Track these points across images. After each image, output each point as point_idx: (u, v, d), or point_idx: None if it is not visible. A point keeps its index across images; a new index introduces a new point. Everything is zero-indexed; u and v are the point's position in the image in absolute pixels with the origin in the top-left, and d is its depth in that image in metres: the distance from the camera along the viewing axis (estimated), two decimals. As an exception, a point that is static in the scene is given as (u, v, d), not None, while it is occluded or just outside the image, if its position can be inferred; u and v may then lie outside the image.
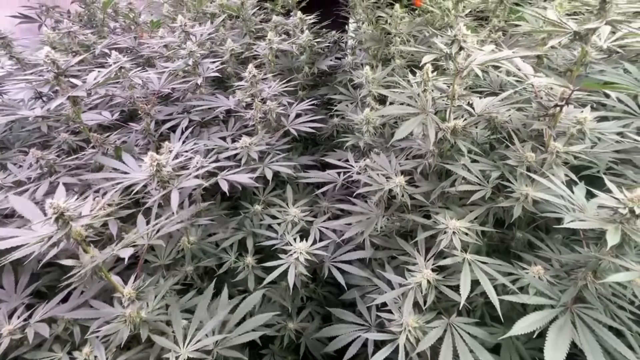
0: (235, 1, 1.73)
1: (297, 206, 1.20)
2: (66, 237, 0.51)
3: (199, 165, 1.00)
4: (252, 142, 1.18)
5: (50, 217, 0.49)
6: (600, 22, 0.59)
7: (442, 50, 0.78)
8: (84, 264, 0.54)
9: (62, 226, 0.50)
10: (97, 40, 1.66)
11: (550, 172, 0.82)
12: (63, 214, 0.49)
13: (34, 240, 0.50)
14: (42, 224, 0.51)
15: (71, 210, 0.51)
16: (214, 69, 1.31)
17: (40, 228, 0.52)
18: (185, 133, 1.22)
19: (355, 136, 1.35)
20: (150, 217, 0.77)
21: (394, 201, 1.05)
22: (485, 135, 1.03)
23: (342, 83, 1.70)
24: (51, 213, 0.49)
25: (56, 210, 0.49)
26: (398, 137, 0.79)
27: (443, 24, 1.75)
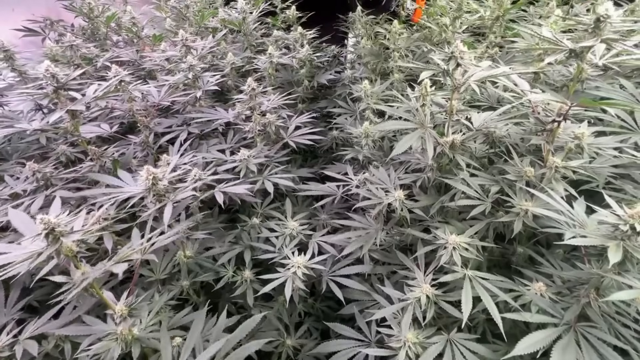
0: (237, 16, 1.76)
1: (295, 219, 1.19)
2: (56, 254, 0.50)
3: (196, 178, 0.99)
4: (251, 155, 1.18)
5: (41, 232, 0.48)
6: (595, 40, 0.60)
7: (440, 66, 0.78)
8: (75, 281, 0.53)
9: (52, 242, 0.49)
10: (99, 53, 1.68)
11: (549, 186, 0.82)
12: (54, 230, 0.48)
13: (22, 257, 0.49)
14: (32, 240, 0.50)
15: (62, 226, 0.50)
16: (214, 82, 1.32)
17: (31, 244, 0.51)
18: (183, 145, 1.22)
19: (354, 149, 1.35)
20: (146, 231, 0.76)
21: (393, 215, 1.05)
22: (483, 150, 1.03)
23: (341, 96, 1.72)
24: (41, 229, 0.48)
25: (47, 225, 0.48)
26: (397, 153, 0.79)
27: (441, 39, 1.78)
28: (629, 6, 1.44)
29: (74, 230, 0.51)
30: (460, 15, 1.54)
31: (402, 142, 0.78)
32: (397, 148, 0.78)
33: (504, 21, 1.60)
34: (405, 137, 0.79)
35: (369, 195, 0.98)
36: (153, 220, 0.83)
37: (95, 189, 0.87)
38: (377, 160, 1.37)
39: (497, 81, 0.87)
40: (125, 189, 0.78)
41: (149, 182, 0.74)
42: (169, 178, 0.79)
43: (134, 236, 0.76)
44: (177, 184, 0.94)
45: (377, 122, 1.44)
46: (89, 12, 1.79)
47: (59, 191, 0.84)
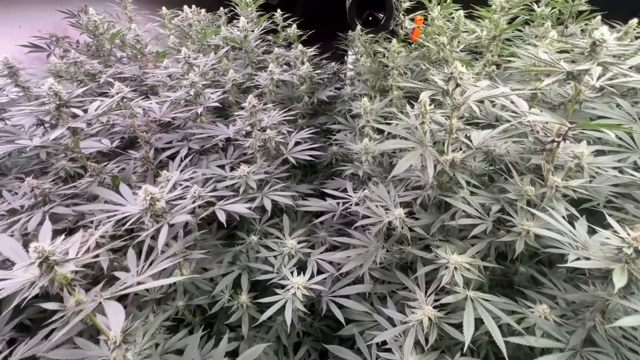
0: (238, 34, 1.80)
1: (294, 237, 1.18)
2: (50, 283, 0.49)
3: (196, 196, 0.99)
4: (251, 171, 1.18)
5: (34, 262, 0.47)
6: (592, 63, 0.61)
7: (440, 86, 0.79)
8: (68, 308, 0.51)
9: (46, 271, 0.48)
10: (103, 69, 1.71)
11: (550, 205, 0.81)
12: (48, 258, 0.47)
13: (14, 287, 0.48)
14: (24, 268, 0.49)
15: (57, 254, 0.49)
16: (215, 99, 1.33)
17: (24, 272, 0.50)
18: (184, 161, 1.22)
19: (354, 165, 1.35)
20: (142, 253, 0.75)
21: (393, 233, 1.04)
22: (483, 167, 1.03)
23: (341, 113, 1.73)
24: (34, 257, 0.47)
25: (40, 254, 0.47)
26: (397, 172, 0.78)
27: (439, 57, 1.82)
28: (622, 28, 1.48)
29: (69, 258, 0.50)
30: (458, 35, 1.57)
31: (402, 161, 0.78)
32: (398, 167, 0.78)
33: (501, 40, 1.63)
34: (405, 156, 0.79)
35: (369, 213, 0.97)
36: (151, 238, 0.82)
37: (93, 204, 0.86)
38: (376, 176, 1.37)
39: (495, 101, 0.88)
40: (123, 209, 0.78)
41: (146, 203, 0.74)
42: (167, 198, 0.78)
43: (129, 258, 0.75)
44: (177, 200, 0.93)
45: (377, 138, 1.45)
46: (94, 30, 1.82)
47: (56, 208, 0.84)
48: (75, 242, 0.52)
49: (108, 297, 0.52)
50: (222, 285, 1.04)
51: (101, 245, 0.78)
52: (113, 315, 0.50)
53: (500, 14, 1.51)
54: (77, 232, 0.60)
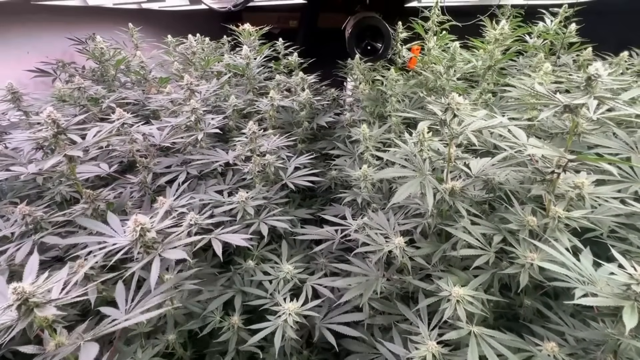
0: (241, 62, 1.85)
1: (291, 262, 1.15)
2: (28, 327, 0.46)
3: (192, 224, 0.97)
4: (249, 197, 1.17)
5: (12, 304, 0.44)
6: (588, 97, 0.62)
7: (438, 116, 0.80)
8: (48, 353, 0.48)
9: (24, 314, 0.45)
10: (106, 93, 1.74)
11: (552, 236, 0.80)
12: (27, 300, 0.45)
13: None
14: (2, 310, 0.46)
15: (37, 295, 0.46)
16: (215, 124, 1.34)
17: (2, 314, 0.47)
18: (181, 187, 1.21)
19: (353, 192, 1.34)
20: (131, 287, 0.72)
21: (393, 262, 1.01)
22: (482, 196, 1.02)
23: (340, 138, 1.75)
24: (13, 299, 0.44)
25: (20, 295, 0.44)
26: (396, 200, 0.77)
27: (435, 85, 1.86)
28: (614, 60, 1.52)
29: (50, 300, 0.47)
30: (454, 64, 1.62)
31: (401, 189, 0.77)
32: (397, 196, 0.77)
33: (496, 70, 1.68)
34: (404, 185, 0.78)
35: (369, 241, 0.95)
36: (142, 269, 0.79)
37: (83, 236, 0.84)
38: (376, 202, 1.36)
39: (493, 130, 0.89)
40: (112, 240, 0.76)
41: (136, 234, 0.72)
42: (160, 228, 0.76)
43: (117, 293, 0.72)
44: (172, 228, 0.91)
45: (376, 164, 1.46)
46: (99, 56, 1.88)
47: (47, 237, 0.82)
48: (60, 279, 0.50)
49: (89, 338, 0.49)
50: (213, 306, 1.00)
51: (90, 277, 0.75)
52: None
53: (494, 45, 1.56)
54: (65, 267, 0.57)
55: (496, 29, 1.55)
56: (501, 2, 2.24)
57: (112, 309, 0.68)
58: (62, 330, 0.52)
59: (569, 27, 1.89)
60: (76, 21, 2.45)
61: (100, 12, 2.54)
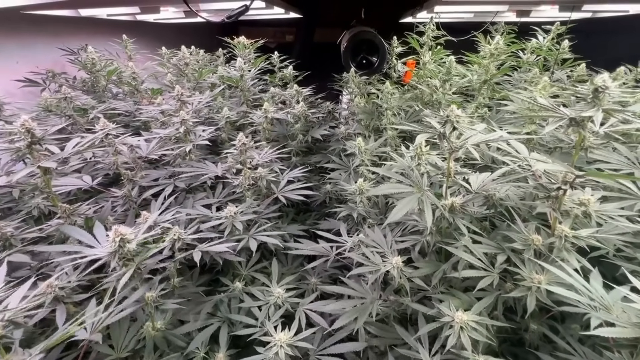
0: (235, 74, 1.82)
1: (282, 284, 1.08)
2: None
3: (175, 238, 0.91)
4: (238, 211, 1.11)
5: None
6: (595, 110, 0.59)
7: (436, 129, 0.76)
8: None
9: None
10: (96, 104, 1.70)
11: (559, 255, 0.75)
12: None
13: None
14: None
15: None
16: (206, 136, 1.30)
17: None
18: (167, 200, 1.15)
19: (348, 206, 1.29)
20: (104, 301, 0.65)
21: (390, 282, 0.95)
22: (483, 212, 0.98)
23: (335, 151, 1.71)
24: None
25: None
26: (394, 219, 0.73)
27: (431, 99, 1.85)
28: (611, 75, 1.52)
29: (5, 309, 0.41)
30: (450, 78, 1.61)
31: (399, 207, 0.73)
32: (394, 213, 0.72)
33: (491, 85, 1.67)
34: (402, 201, 0.74)
35: (364, 260, 0.90)
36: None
37: (55, 246, 0.77)
38: (372, 217, 1.31)
39: (494, 144, 0.85)
40: (89, 251, 0.70)
41: (115, 244, 0.66)
42: (141, 240, 0.70)
43: (89, 309, 0.65)
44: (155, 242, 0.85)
45: (372, 178, 1.41)
46: (91, 67, 1.84)
47: (15, 255, 0.75)
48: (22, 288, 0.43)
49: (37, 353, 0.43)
50: (197, 341, 0.92)
51: (59, 299, 0.69)
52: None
53: (489, 59, 1.56)
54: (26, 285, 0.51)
55: (491, 44, 1.55)
56: (494, 19, 2.28)
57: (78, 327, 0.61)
58: (17, 348, 0.46)
59: (562, 44, 1.91)
60: (70, 32, 2.43)
61: (95, 23, 2.53)
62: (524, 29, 2.09)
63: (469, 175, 0.89)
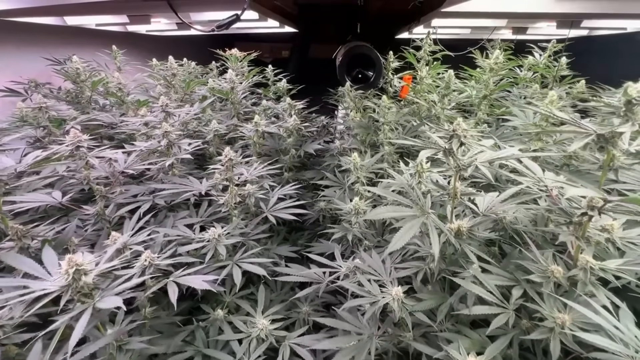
0: (225, 86, 1.76)
1: (269, 314, 0.96)
2: None
3: (146, 265, 0.80)
4: (223, 233, 1.01)
5: None
6: (630, 125, 0.51)
7: (440, 145, 0.68)
8: None
9: None
10: (78, 115, 1.61)
11: (585, 291, 0.66)
12: None
13: None
14: None
15: None
16: (189, 150, 1.21)
17: None
18: (143, 219, 1.05)
19: (342, 227, 1.20)
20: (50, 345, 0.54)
21: (389, 313, 0.85)
22: (489, 236, 0.89)
23: (329, 167, 1.63)
24: None
25: None
26: (395, 247, 0.63)
27: (429, 114, 1.79)
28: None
29: None
30: (449, 93, 1.55)
31: (401, 233, 0.63)
32: (396, 241, 0.63)
33: (491, 100, 1.62)
34: (404, 226, 0.64)
35: (361, 291, 0.79)
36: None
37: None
38: (368, 239, 1.21)
39: (506, 163, 0.77)
40: (37, 285, 0.59)
41: (68, 277, 0.56)
42: (102, 270, 0.60)
43: (32, 355, 0.54)
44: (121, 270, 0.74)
45: (368, 196, 1.33)
46: (75, 77, 1.76)
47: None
48: None
49: None
50: None
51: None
52: None
53: (489, 74, 1.51)
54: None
55: (491, 59, 1.51)
56: (491, 36, 2.27)
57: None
58: None
59: (560, 61, 1.89)
60: (60, 42, 2.36)
61: (87, 34, 2.47)
62: (520, 47, 2.08)
63: (476, 195, 0.80)
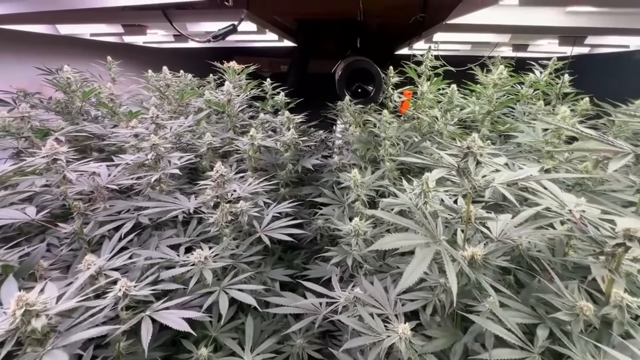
0: (222, 98, 1.70)
1: (259, 351, 0.86)
2: None
3: (120, 295, 0.71)
4: (210, 255, 0.92)
5: None
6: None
7: (453, 163, 0.61)
8: None
9: None
10: (67, 126, 1.54)
11: (620, 330, 0.57)
12: None
13: None
14: None
15: None
16: (179, 164, 1.13)
17: None
18: (126, 239, 0.96)
19: (341, 249, 1.11)
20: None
21: (395, 353, 0.75)
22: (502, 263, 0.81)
23: (328, 183, 1.55)
24: None
25: None
26: (407, 284, 0.55)
27: (430, 130, 1.74)
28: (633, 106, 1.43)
29: None
30: (452, 108, 1.50)
31: (413, 265, 0.55)
32: (409, 275, 0.55)
33: (494, 116, 1.58)
34: (417, 257, 0.56)
35: (362, 328, 0.70)
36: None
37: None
38: (369, 261, 1.13)
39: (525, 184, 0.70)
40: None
41: (16, 319, 0.47)
42: (60, 311, 0.51)
43: None
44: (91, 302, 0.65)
45: (368, 214, 1.25)
46: (65, 87, 1.70)
47: None
48: None
49: None
50: None
51: None
52: None
53: (493, 90, 1.47)
54: None
55: (494, 74, 1.47)
56: (492, 53, 2.26)
57: None
58: None
59: (562, 78, 1.86)
60: (55, 52, 2.32)
61: (82, 44, 2.43)
62: (520, 65, 2.06)
63: (490, 219, 0.73)
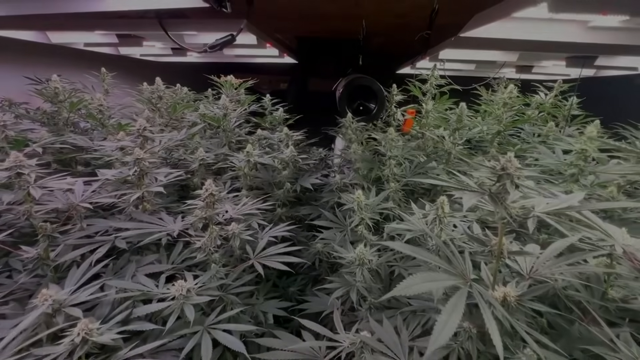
0: (217, 112, 1.62)
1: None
2: None
3: (77, 342, 0.58)
4: (194, 287, 0.80)
5: None
6: None
7: (483, 187, 0.51)
8: None
9: None
10: (50, 137, 1.44)
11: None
12: None
13: None
14: None
15: None
16: (164, 181, 1.02)
17: None
18: (100, 264, 0.83)
19: (343, 279, 0.99)
20: None
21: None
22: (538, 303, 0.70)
23: (328, 204, 1.45)
24: None
25: None
26: (439, 344, 0.43)
27: (435, 150, 1.66)
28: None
29: None
30: (461, 127, 1.43)
31: (445, 316, 0.44)
32: (441, 330, 0.43)
33: (504, 136, 1.51)
34: (447, 308, 0.45)
35: (373, 385, 0.58)
36: None
37: None
38: (374, 293, 1.00)
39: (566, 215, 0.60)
40: None
41: None
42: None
43: None
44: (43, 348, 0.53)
45: (373, 239, 1.14)
46: (53, 97, 1.62)
47: None
48: None
49: None
50: None
51: None
52: None
53: (503, 109, 1.41)
54: None
55: (504, 93, 1.41)
56: (496, 75, 2.23)
57: None
58: None
59: (570, 100, 1.81)
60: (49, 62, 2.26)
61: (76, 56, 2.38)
62: (525, 86, 2.02)
63: (525, 254, 0.62)
